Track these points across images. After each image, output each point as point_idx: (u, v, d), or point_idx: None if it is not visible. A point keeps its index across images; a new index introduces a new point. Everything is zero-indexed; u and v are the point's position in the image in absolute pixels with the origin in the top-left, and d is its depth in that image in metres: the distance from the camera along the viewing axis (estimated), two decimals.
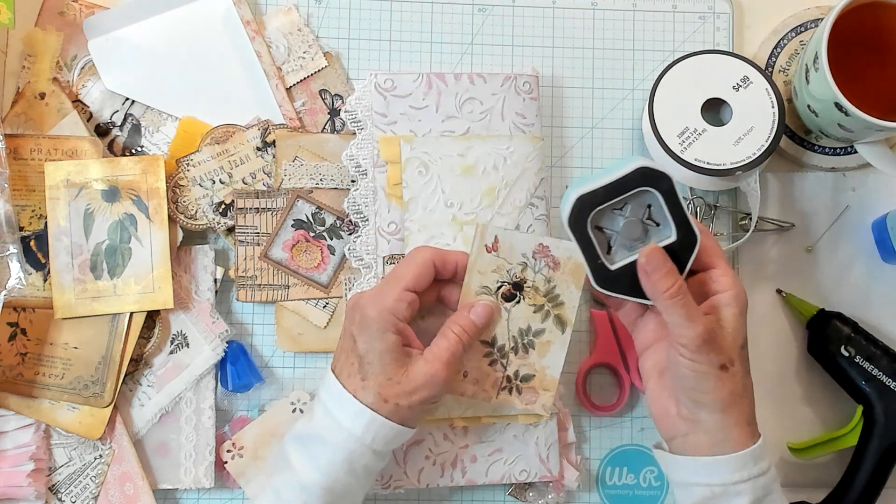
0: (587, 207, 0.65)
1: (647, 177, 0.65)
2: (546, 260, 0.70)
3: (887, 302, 0.85)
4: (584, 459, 0.83)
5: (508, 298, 0.72)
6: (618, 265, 0.67)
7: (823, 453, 0.82)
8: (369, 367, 0.68)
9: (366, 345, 0.68)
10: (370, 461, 0.68)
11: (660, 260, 0.65)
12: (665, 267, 0.65)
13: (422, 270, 0.69)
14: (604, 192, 0.65)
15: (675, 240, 0.66)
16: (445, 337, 0.69)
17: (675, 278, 0.65)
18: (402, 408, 0.67)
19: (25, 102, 0.81)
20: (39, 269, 0.79)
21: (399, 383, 0.67)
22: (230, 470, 0.80)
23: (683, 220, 0.66)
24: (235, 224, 0.81)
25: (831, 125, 0.79)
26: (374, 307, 0.68)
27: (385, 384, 0.67)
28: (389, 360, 0.67)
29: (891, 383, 0.79)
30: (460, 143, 0.80)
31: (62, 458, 0.79)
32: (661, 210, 0.66)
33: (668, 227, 0.67)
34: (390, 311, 0.67)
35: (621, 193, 0.65)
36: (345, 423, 0.67)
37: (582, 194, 0.65)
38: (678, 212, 0.65)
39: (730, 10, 0.87)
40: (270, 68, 0.83)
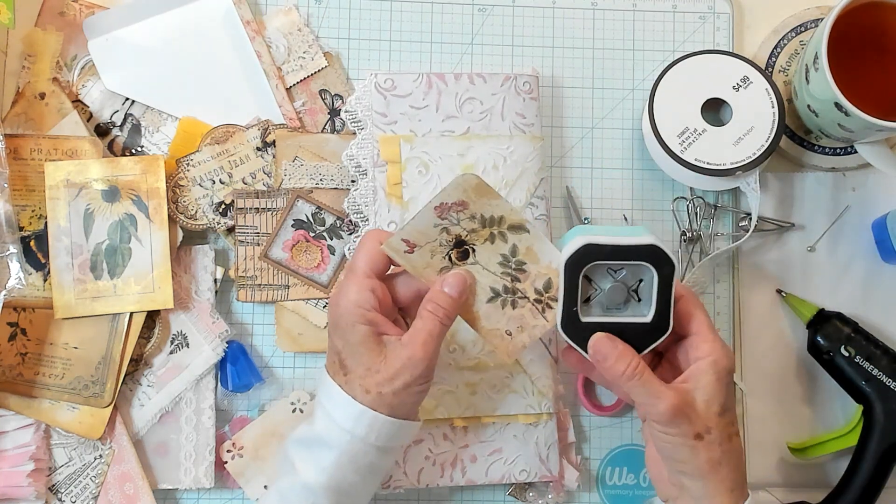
0: (590, 257, 0.66)
1: (655, 256, 0.66)
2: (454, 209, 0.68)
3: (887, 302, 0.85)
4: (584, 459, 0.83)
5: (463, 256, 0.70)
6: (588, 319, 0.67)
7: (823, 453, 0.82)
8: (348, 361, 0.68)
9: (340, 340, 0.68)
10: (374, 459, 0.68)
11: (608, 347, 0.66)
12: (614, 353, 0.66)
13: (372, 254, 0.69)
14: (611, 251, 0.66)
15: (649, 322, 0.67)
16: (420, 317, 0.68)
17: (628, 361, 0.65)
18: (386, 395, 0.66)
19: (25, 102, 0.81)
20: (39, 269, 0.79)
21: (378, 371, 0.66)
22: (230, 470, 0.80)
23: (665, 308, 0.66)
24: (235, 224, 0.81)
25: (831, 125, 0.79)
26: (340, 302, 0.68)
27: (365, 375, 0.67)
28: (364, 351, 0.67)
29: (891, 383, 0.79)
30: (460, 143, 0.80)
31: (62, 458, 0.79)
32: (649, 289, 0.67)
33: (649, 308, 0.67)
34: (355, 304, 0.67)
35: (625, 259, 0.66)
36: (340, 421, 0.67)
37: (590, 244, 0.65)
38: (664, 299, 0.66)
39: (730, 10, 0.87)
40: (270, 68, 0.83)
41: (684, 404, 0.64)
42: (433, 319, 0.67)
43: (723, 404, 0.66)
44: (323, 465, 0.67)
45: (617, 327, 0.67)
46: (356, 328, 0.67)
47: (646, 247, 0.65)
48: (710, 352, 0.66)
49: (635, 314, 0.68)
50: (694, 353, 0.67)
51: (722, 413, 0.65)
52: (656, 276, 0.66)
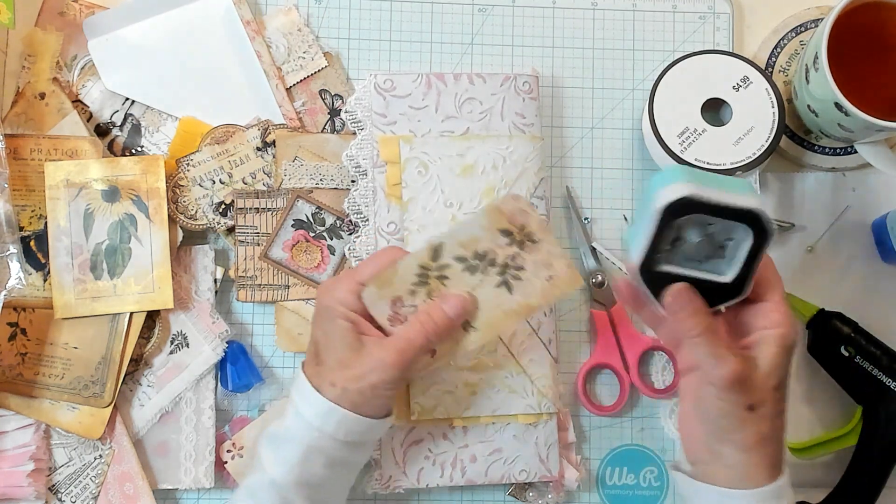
0: (688, 209, 0.61)
1: (758, 221, 0.62)
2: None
3: (887, 302, 0.85)
4: (584, 459, 0.83)
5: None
6: (667, 268, 0.64)
7: (823, 453, 0.82)
8: (323, 353, 0.68)
9: (320, 331, 0.68)
10: (344, 454, 0.68)
11: (685, 300, 0.63)
12: (689, 307, 0.63)
13: (381, 270, 0.69)
14: (713, 208, 0.61)
15: (728, 283, 0.64)
16: (408, 325, 0.68)
17: (700, 318, 0.63)
18: (351, 392, 0.66)
19: (25, 102, 0.81)
20: (39, 269, 0.79)
21: (348, 367, 0.66)
22: (230, 470, 0.80)
23: (748, 273, 0.63)
24: (235, 224, 0.81)
25: (831, 125, 0.79)
26: (326, 295, 0.68)
27: (335, 368, 0.67)
28: (341, 346, 0.67)
29: (891, 383, 0.79)
30: (460, 144, 0.80)
31: (62, 458, 0.79)
32: (736, 250, 0.63)
33: (732, 269, 0.64)
34: (339, 301, 0.68)
35: (726, 217, 0.62)
36: (307, 416, 0.67)
37: (693, 195, 0.61)
38: (750, 265, 0.63)
39: (730, 10, 0.87)
40: (270, 68, 0.83)
41: (746, 372, 0.62)
42: (419, 330, 0.67)
43: (781, 379, 0.64)
44: (290, 461, 0.67)
45: (693, 281, 0.64)
46: (336, 322, 0.67)
47: (749, 211, 0.61)
48: (780, 323, 0.64)
49: (715, 271, 0.64)
50: (763, 320, 0.65)
51: (778, 388, 0.64)
52: (752, 241, 0.62)
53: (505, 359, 0.79)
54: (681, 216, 0.61)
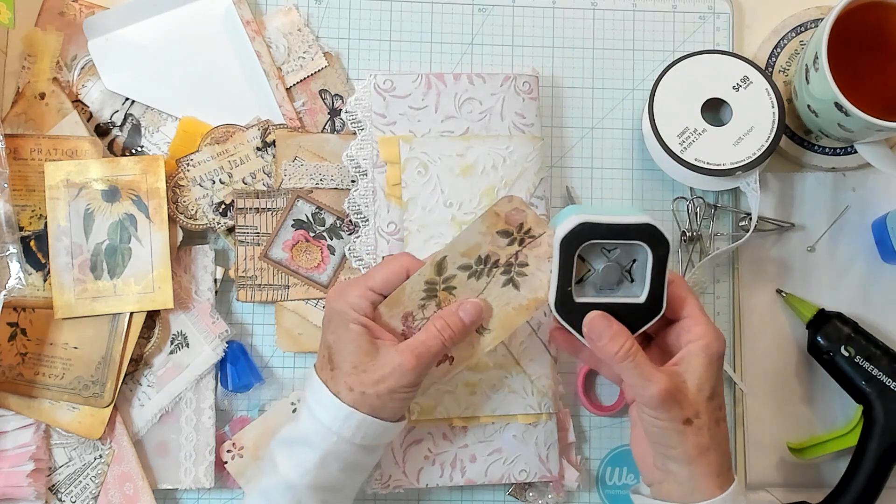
0: (585, 236, 0.65)
1: (651, 236, 0.65)
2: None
3: (887, 302, 0.85)
4: (584, 459, 0.83)
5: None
6: (582, 299, 0.66)
7: (823, 453, 0.82)
8: (337, 357, 0.68)
9: (332, 335, 0.69)
10: (359, 457, 0.68)
11: (602, 326, 0.65)
12: (607, 332, 0.65)
13: (391, 276, 0.69)
14: (606, 230, 0.64)
15: (642, 302, 0.66)
16: (425, 330, 0.68)
17: (622, 341, 0.65)
18: (369, 396, 0.66)
19: (25, 102, 0.81)
20: (39, 269, 0.80)
21: (365, 371, 0.67)
22: (230, 470, 0.80)
23: (659, 289, 0.66)
24: (235, 224, 0.81)
25: (831, 125, 0.79)
26: (338, 300, 0.69)
27: (350, 373, 0.67)
28: (354, 350, 0.67)
29: (891, 383, 0.79)
30: (459, 144, 0.80)
31: (62, 458, 0.79)
32: (643, 269, 0.66)
33: (642, 288, 0.66)
34: (351, 306, 0.68)
35: (620, 238, 0.65)
36: (325, 421, 0.67)
37: (586, 222, 0.64)
38: (658, 279, 0.66)
39: (730, 10, 0.87)
40: (270, 68, 0.83)
41: (675, 388, 0.64)
42: (436, 336, 0.68)
43: (713, 389, 0.65)
44: (306, 465, 0.67)
45: (610, 308, 0.66)
46: (349, 327, 0.68)
47: (642, 225, 0.64)
48: (702, 335, 0.66)
49: (628, 295, 0.67)
50: (686, 336, 0.67)
51: (711, 398, 0.65)
52: (651, 255, 0.65)
53: (505, 359, 0.79)
54: (579, 244, 0.65)
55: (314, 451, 0.67)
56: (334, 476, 0.68)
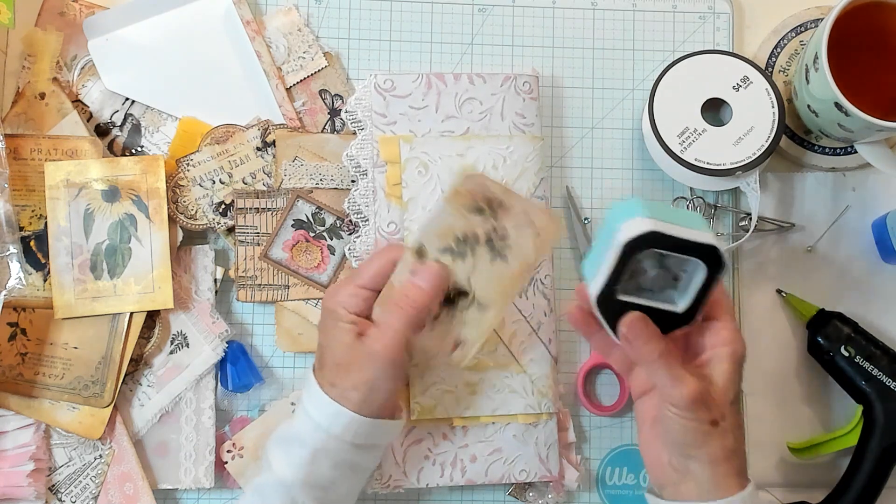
0: (650, 244, 0.63)
1: (713, 257, 0.63)
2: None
3: (887, 302, 0.85)
4: (584, 459, 0.83)
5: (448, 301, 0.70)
6: (623, 298, 0.65)
7: (823, 453, 0.82)
8: (326, 356, 0.69)
9: (323, 335, 0.70)
10: (353, 456, 0.68)
11: (640, 328, 0.65)
12: (644, 335, 0.65)
13: (380, 270, 0.70)
14: (673, 244, 0.63)
15: (679, 313, 0.65)
16: (387, 310, 0.68)
17: (655, 344, 0.64)
18: (349, 391, 0.67)
19: (25, 102, 0.81)
20: (39, 269, 0.79)
21: (344, 367, 0.67)
22: (230, 470, 0.80)
23: (699, 304, 0.65)
24: (235, 224, 0.81)
25: (831, 125, 0.79)
26: (329, 299, 0.70)
27: (333, 369, 0.68)
28: (340, 348, 0.68)
29: (891, 383, 0.79)
30: (460, 143, 0.80)
31: (62, 458, 0.79)
32: (690, 281, 0.65)
33: (684, 300, 0.65)
34: (341, 305, 0.69)
35: (683, 253, 0.63)
36: (315, 417, 0.67)
37: (656, 231, 0.62)
38: (702, 296, 0.65)
39: (730, 10, 0.87)
40: (270, 68, 0.83)
41: (704, 390, 0.64)
42: (399, 313, 0.67)
43: (736, 393, 0.66)
44: (297, 461, 0.67)
45: (648, 310, 0.65)
46: (338, 325, 0.68)
47: (707, 246, 0.63)
48: (730, 340, 0.66)
49: (668, 300, 0.66)
50: (713, 338, 0.67)
51: (734, 401, 0.66)
52: (705, 275, 0.64)
53: (505, 358, 0.79)
54: (642, 250, 0.63)
55: (305, 448, 0.67)
56: (326, 473, 0.68)
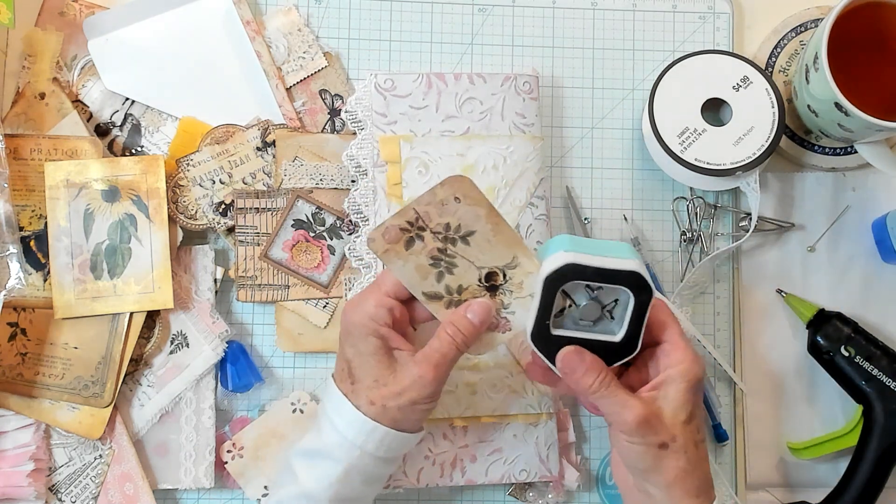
0: (570, 276, 0.64)
1: (636, 284, 0.65)
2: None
3: (887, 302, 0.85)
4: (584, 459, 0.83)
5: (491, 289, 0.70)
6: (558, 332, 0.66)
7: (823, 453, 0.82)
8: (357, 371, 0.68)
9: (352, 349, 0.68)
10: (380, 469, 0.69)
11: (575, 361, 0.65)
12: (582, 367, 0.65)
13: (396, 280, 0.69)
14: (593, 273, 0.64)
15: (618, 342, 0.66)
16: (438, 337, 0.68)
17: (596, 374, 0.65)
18: (391, 409, 0.66)
19: (25, 102, 0.81)
20: (39, 269, 0.79)
21: (385, 385, 0.67)
22: (230, 470, 0.80)
23: (636, 332, 0.66)
24: (235, 224, 0.81)
25: (831, 125, 0.79)
26: (356, 313, 0.68)
27: (372, 386, 0.67)
28: (374, 363, 0.67)
29: (891, 383, 0.79)
30: (460, 143, 0.80)
31: (62, 458, 0.79)
32: (623, 310, 0.66)
33: (620, 328, 0.66)
34: (370, 317, 0.68)
35: (606, 282, 0.65)
36: (349, 436, 0.67)
37: (573, 263, 0.64)
38: (637, 323, 0.66)
39: (730, 10, 0.87)
40: (270, 68, 0.83)
41: (651, 414, 0.64)
42: (450, 343, 0.67)
43: (690, 413, 0.65)
44: (329, 478, 0.67)
45: (585, 343, 0.66)
46: (368, 340, 0.67)
47: (628, 273, 0.65)
48: (681, 360, 0.66)
49: (605, 331, 0.67)
50: (665, 360, 0.67)
51: (688, 421, 0.65)
52: (633, 301, 0.65)
53: (505, 358, 0.79)
54: (563, 283, 0.65)
55: (338, 465, 0.67)
56: (357, 489, 0.68)
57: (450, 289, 0.68)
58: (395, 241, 0.67)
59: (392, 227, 0.67)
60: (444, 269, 0.68)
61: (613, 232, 0.85)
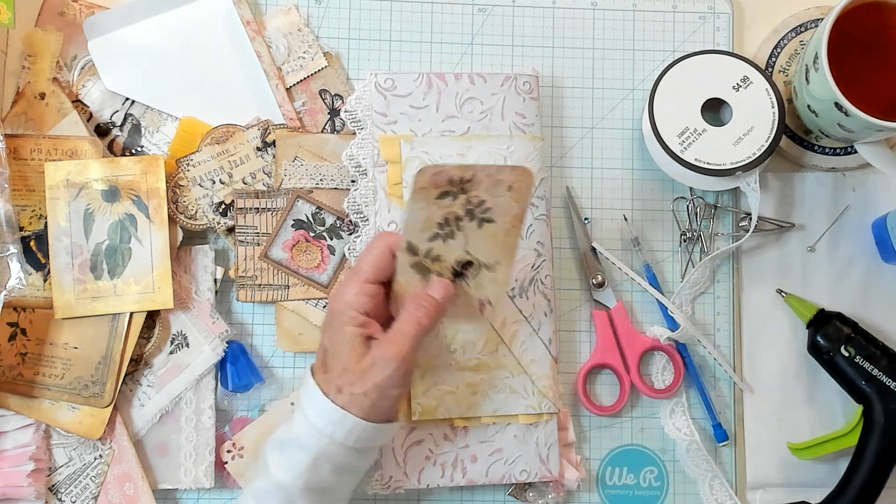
0: None
1: None
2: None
3: (887, 302, 0.85)
4: (584, 459, 0.83)
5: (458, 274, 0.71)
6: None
7: (823, 453, 0.82)
8: (331, 360, 0.68)
9: (329, 338, 0.69)
10: (351, 460, 0.68)
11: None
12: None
13: (379, 261, 0.69)
14: None
15: None
16: (401, 318, 0.68)
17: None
18: (357, 397, 0.66)
19: (25, 102, 0.81)
20: (39, 269, 0.79)
21: (352, 372, 0.67)
22: (230, 470, 0.80)
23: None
24: (235, 224, 0.81)
25: (831, 125, 0.79)
26: (336, 301, 0.69)
27: (341, 374, 0.67)
28: (347, 351, 0.67)
29: (891, 383, 0.79)
30: (460, 143, 0.80)
31: (62, 458, 0.79)
32: None
33: None
34: (349, 306, 0.68)
35: None
36: (317, 423, 0.67)
37: None
38: None
39: (730, 10, 0.87)
40: (270, 68, 0.83)
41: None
42: (413, 321, 0.68)
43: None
44: (298, 467, 0.67)
45: None
46: (345, 329, 0.68)
47: None
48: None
49: None
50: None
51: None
52: None
53: (506, 359, 0.79)
54: None
55: (306, 454, 0.67)
56: (326, 478, 0.68)
57: (430, 252, 0.69)
58: (437, 186, 0.67)
59: (444, 173, 0.67)
60: (445, 234, 0.69)
61: (614, 232, 0.85)
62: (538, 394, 0.79)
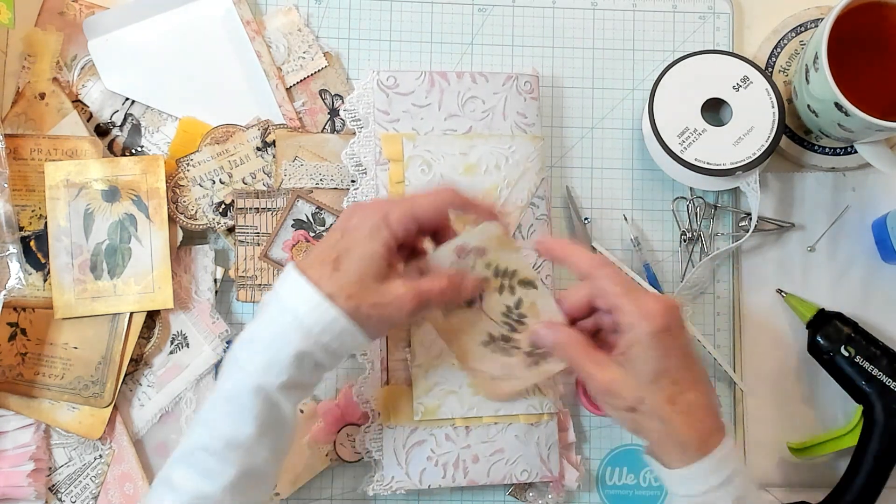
0: None
1: None
2: (473, 254, 0.71)
3: (887, 302, 0.85)
4: (584, 459, 0.83)
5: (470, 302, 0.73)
6: None
7: (823, 453, 0.82)
8: (346, 262, 0.65)
9: (353, 241, 0.66)
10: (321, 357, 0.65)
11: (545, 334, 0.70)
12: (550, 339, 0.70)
13: (436, 208, 0.68)
14: None
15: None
16: (431, 277, 0.68)
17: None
18: (363, 313, 0.64)
19: (25, 102, 0.81)
20: (39, 269, 0.79)
21: (368, 289, 0.64)
22: None
23: None
24: (235, 224, 0.81)
25: (831, 125, 0.79)
26: (378, 213, 0.66)
27: (354, 283, 0.64)
28: (368, 264, 0.65)
29: (891, 383, 0.79)
30: (462, 142, 0.80)
31: (62, 458, 0.79)
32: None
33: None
34: (387, 224, 0.66)
35: None
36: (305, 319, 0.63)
37: None
38: None
39: (730, 10, 0.87)
40: (270, 68, 0.83)
41: (611, 380, 0.64)
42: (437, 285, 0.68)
43: (656, 370, 0.64)
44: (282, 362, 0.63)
45: None
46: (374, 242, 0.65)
47: None
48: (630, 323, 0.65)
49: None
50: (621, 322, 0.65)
51: (655, 380, 0.64)
52: None
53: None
54: None
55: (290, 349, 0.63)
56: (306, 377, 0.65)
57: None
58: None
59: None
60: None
61: (614, 232, 0.85)
62: (539, 394, 0.79)
